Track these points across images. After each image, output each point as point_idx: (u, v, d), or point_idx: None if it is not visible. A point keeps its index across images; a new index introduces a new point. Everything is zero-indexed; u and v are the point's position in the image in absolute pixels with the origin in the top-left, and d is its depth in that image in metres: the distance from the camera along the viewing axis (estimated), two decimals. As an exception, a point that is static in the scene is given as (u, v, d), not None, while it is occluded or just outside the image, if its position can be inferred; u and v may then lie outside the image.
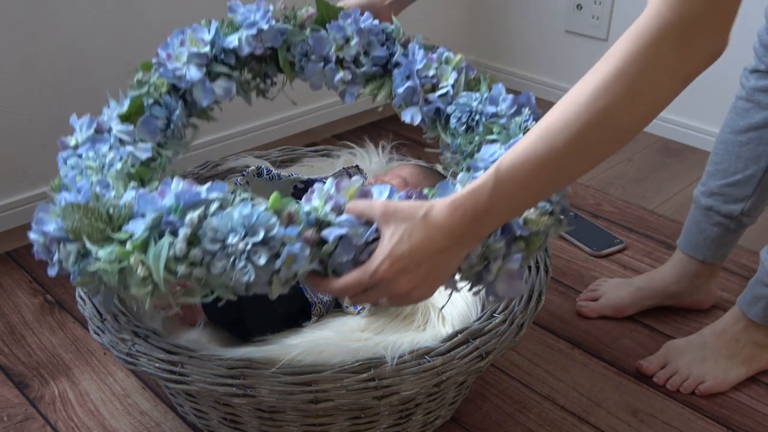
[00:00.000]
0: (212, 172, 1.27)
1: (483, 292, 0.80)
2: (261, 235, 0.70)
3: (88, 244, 0.74)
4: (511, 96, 1.04)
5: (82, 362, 1.17)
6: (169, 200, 0.73)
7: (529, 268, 1.02)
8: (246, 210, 0.71)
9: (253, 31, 1.11)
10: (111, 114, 0.99)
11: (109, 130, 0.98)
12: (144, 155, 0.96)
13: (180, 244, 0.70)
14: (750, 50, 1.14)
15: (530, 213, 0.79)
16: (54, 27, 1.44)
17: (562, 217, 0.87)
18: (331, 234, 0.72)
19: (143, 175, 0.92)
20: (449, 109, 1.06)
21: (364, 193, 0.77)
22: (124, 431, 1.05)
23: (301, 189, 1.15)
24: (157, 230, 0.73)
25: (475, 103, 1.05)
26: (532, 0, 2.18)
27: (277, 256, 0.72)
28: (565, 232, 1.09)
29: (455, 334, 0.90)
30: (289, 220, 0.72)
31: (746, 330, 1.14)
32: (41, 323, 1.26)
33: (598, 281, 1.34)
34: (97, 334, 0.88)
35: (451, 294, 0.82)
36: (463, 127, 1.05)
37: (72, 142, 0.99)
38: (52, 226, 0.79)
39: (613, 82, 0.69)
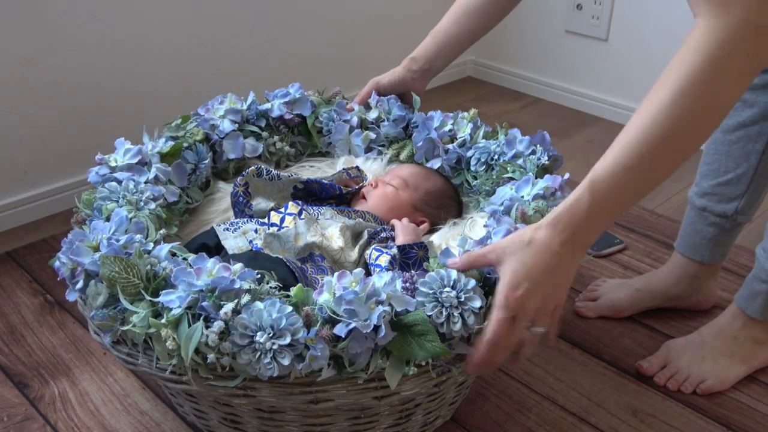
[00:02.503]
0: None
1: None
2: (288, 339, 0.78)
3: (122, 298, 0.81)
4: (527, 138, 1.12)
5: (82, 362, 1.17)
6: (204, 281, 0.80)
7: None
8: (275, 311, 0.78)
9: (286, 98, 1.25)
10: (152, 149, 1.09)
11: (147, 164, 1.07)
12: (172, 198, 1.06)
13: (213, 336, 0.77)
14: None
15: None
16: (54, 27, 1.44)
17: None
18: (343, 330, 0.78)
19: (169, 219, 1.03)
20: (469, 153, 1.17)
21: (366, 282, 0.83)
22: (124, 431, 1.05)
23: (300, 189, 1.15)
24: (191, 311, 0.79)
25: (493, 147, 1.15)
26: (532, 0, 2.18)
27: (299, 356, 0.79)
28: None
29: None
30: (308, 320, 0.79)
31: (744, 327, 1.14)
32: (41, 323, 1.26)
33: (597, 281, 1.34)
34: (97, 334, 0.88)
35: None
36: (483, 167, 1.15)
37: (111, 162, 1.06)
38: (87, 259, 0.86)
39: (688, 91, 0.75)
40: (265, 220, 1.04)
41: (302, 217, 1.03)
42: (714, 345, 1.15)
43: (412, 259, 0.98)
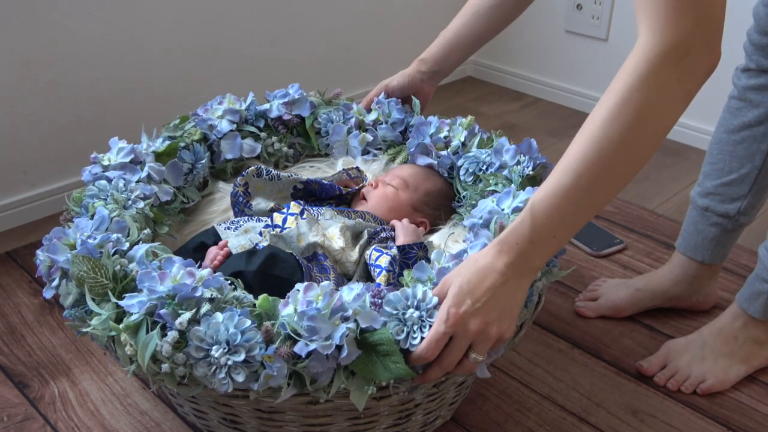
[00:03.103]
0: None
1: None
2: (242, 356, 0.76)
3: (88, 298, 0.81)
4: (513, 147, 1.10)
5: (82, 362, 1.17)
6: (166, 287, 0.78)
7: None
8: (232, 325, 0.76)
9: (285, 99, 1.25)
10: (147, 148, 1.08)
11: (141, 163, 1.06)
12: (165, 198, 1.05)
13: (166, 346, 0.75)
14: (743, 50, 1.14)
15: None
16: (54, 27, 1.44)
17: (552, 267, 0.94)
18: (303, 350, 0.76)
19: (159, 218, 1.01)
20: (459, 162, 1.16)
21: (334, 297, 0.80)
22: (124, 431, 1.05)
23: (300, 189, 1.14)
24: (150, 318, 0.78)
25: (483, 156, 1.13)
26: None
27: (255, 373, 0.77)
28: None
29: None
30: (267, 336, 0.76)
31: (745, 327, 1.14)
32: (41, 323, 1.26)
33: (597, 281, 1.34)
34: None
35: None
36: (471, 177, 1.14)
37: (104, 161, 1.05)
38: (62, 257, 0.85)
39: (619, 111, 0.76)
40: (269, 222, 1.04)
41: (304, 216, 1.03)
42: (714, 345, 1.15)
43: (411, 259, 0.98)
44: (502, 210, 0.97)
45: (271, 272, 0.90)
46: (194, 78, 1.70)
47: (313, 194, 1.16)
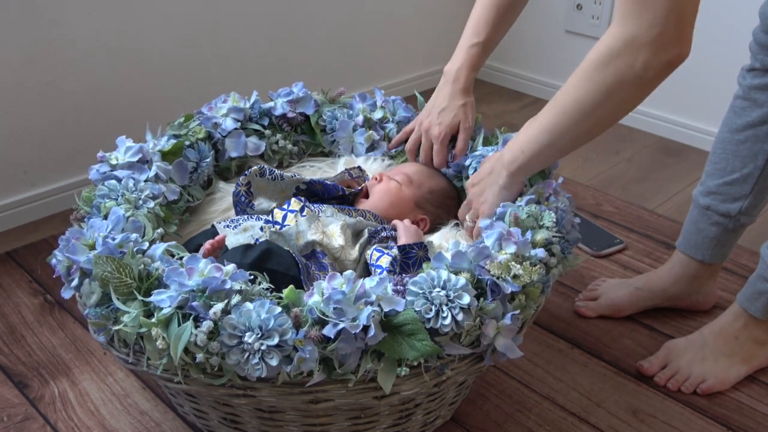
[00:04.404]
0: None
1: (488, 357, 0.88)
2: (276, 339, 0.78)
3: (114, 298, 0.81)
4: None
5: (82, 362, 1.17)
6: (195, 281, 0.80)
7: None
8: (263, 311, 0.78)
9: (289, 97, 1.26)
10: (153, 147, 1.09)
11: (148, 162, 1.07)
12: (172, 197, 1.06)
13: (201, 335, 0.77)
14: (748, 50, 1.14)
15: (518, 269, 0.85)
16: (54, 27, 1.44)
17: (566, 254, 0.95)
18: (331, 331, 0.78)
19: (168, 217, 1.04)
20: (467, 162, 1.17)
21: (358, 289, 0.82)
22: (124, 431, 1.05)
23: (303, 189, 1.14)
24: (181, 311, 0.79)
25: (489, 154, 1.13)
26: (532, 0, 2.17)
27: (288, 357, 0.79)
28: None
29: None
30: (296, 321, 0.79)
31: (745, 327, 1.14)
32: (41, 323, 1.26)
33: (597, 281, 1.34)
34: (97, 333, 0.88)
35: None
36: None
37: (112, 160, 1.06)
38: (82, 258, 0.85)
39: (579, 86, 0.88)
40: (269, 218, 1.04)
41: (304, 213, 1.03)
42: (714, 345, 1.15)
43: (412, 259, 0.98)
44: (515, 202, 0.99)
45: (266, 266, 0.90)
46: (194, 78, 1.70)
47: (315, 194, 1.15)
